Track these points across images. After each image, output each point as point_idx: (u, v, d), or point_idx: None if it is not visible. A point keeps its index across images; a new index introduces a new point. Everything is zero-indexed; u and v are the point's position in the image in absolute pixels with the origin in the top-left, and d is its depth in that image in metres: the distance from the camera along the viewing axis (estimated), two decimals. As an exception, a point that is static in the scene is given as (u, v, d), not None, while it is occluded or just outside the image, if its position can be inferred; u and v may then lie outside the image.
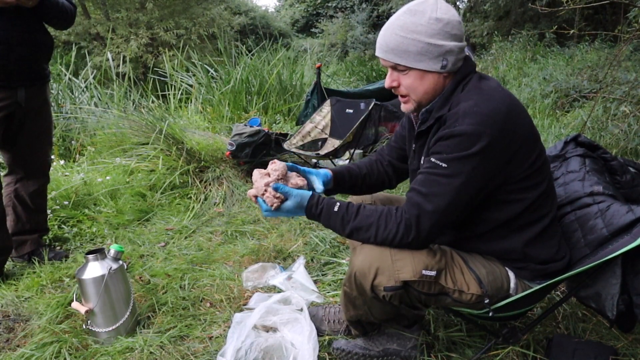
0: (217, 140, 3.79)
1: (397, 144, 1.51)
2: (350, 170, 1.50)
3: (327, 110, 3.94)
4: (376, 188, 1.56)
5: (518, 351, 1.43)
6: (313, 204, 1.23)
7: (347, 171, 1.49)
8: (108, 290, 1.64)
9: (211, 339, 1.66)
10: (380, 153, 1.57)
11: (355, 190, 1.54)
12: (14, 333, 1.75)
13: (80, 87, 5.28)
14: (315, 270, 2.13)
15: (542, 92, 5.64)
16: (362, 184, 1.51)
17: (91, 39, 14.15)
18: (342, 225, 1.20)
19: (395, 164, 1.53)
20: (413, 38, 1.12)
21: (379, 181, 1.53)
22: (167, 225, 2.80)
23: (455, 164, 1.08)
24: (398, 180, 1.56)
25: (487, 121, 1.06)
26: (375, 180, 1.53)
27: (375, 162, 1.56)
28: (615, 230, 1.15)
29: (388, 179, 1.55)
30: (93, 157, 3.72)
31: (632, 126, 3.32)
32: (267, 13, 24.58)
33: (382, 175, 1.54)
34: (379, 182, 1.54)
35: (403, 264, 1.14)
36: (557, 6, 3.47)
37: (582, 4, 3.29)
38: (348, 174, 1.48)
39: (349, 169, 1.50)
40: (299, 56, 8.60)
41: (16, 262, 2.31)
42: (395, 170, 1.54)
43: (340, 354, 1.47)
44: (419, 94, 1.19)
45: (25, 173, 2.24)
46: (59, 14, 2.05)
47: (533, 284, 1.23)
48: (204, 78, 5.90)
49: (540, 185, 1.18)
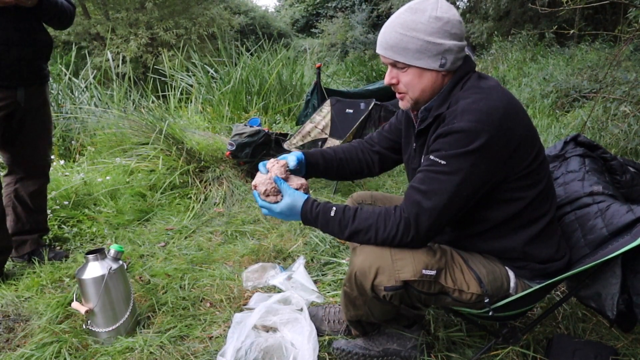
0: (217, 140, 3.79)
1: (389, 135, 1.49)
2: (325, 154, 1.47)
3: (327, 110, 3.94)
4: (354, 174, 1.53)
5: (518, 351, 1.43)
6: (307, 209, 1.22)
7: (321, 155, 1.46)
8: (108, 290, 1.64)
9: (211, 339, 1.66)
10: (369, 140, 1.54)
11: (330, 175, 1.51)
12: (14, 333, 1.75)
13: (80, 87, 5.28)
14: (315, 270, 2.13)
15: (542, 92, 5.64)
16: (337, 168, 1.48)
17: (91, 39, 14.16)
18: (340, 229, 1.19)
19: (383, 152, 1.51)
20: (412, 36, 1.12)
21: (357, 168, 1.51)
22: (167, 225, 2.80)
23: (454, 161, 1.08)
24: (382, 169, 1.54)
25: (486, 119, 1.06)
26: (353, 166, 1.50)
27: (357, 148, 1.53)
28: (615, 230, 1.15)
29: (368, 166, 1.52)
30: (93, 157, 3.72)
31: (632, 126, 3.32)
32: (267, 13, 24.60)
33: (362, 163, 1.51)
34: (358, 168, 1.51)
35: (403, 263, 1.14)
36: (557, 6, 3.47)
37: (582, 4, 3.29)
38: (322, 158, 1.46)
39: (322, 153, 1.47)
40: (299, 56, 8.60)
41: (16, 262, 2.31)
42: (381, 159, 1.51)
43: (340, 354, 1.47)
44: (417, 92, 1.20)
45: (25, 173, 2.24)
46: (58, 14, 2.05)
47: (533, 284, 1.23)
48: (203, 78, 5.90)
49: (539, 184, 1.18)
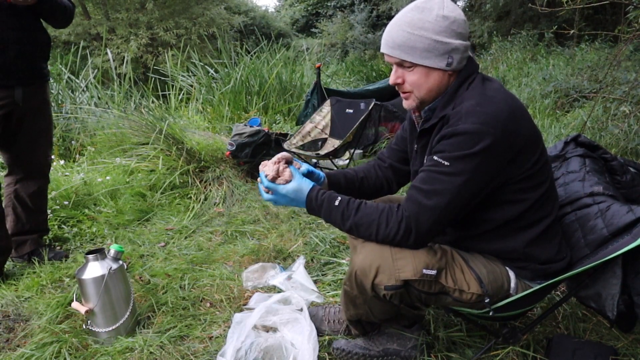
0: (217, 140, 3.79)
1: (397, 146, 1.50)
2: (347, 174, 1.47)
3: (327, 110, 3.94)
4: (375, 193, 1.52)
5: (518, 351, 1.43)
6: (313, 197, 1.22)
7: (343, 175, 1.46)
8: (108, 290, 1.64)
9: (211, 339, 1.66)
10: (380, 157, 1.55)
11: (352, 194, 1.51)
12: (14, 333, 1.75)
13: (80, 87, 5.28)
14: (315, 270, 2.13)
15: (542, 92, 5.63)
16: (359, 187, 1.48)
17: (91, 39, 14.16)
18: (342, 220, 1.19)
19: (396, 166, 1.50)
20: (420, 34, 1.12)
21: (377, 185, 1.50)
22: (167, 225, 2.80)
23: (457, 163, 1.08)
24: (399, 183, 1.53)
25: (490, 121, 1.06)
26: (373, 184, 1.50)
27: (374, 166, 1.53)
28: (615, 230, 1.15)
29: (387, 183, 1.51)
30: (93, 157, 3.72)
31: (632, 126, 3.31)
32: (267, 13, 24.59)
33: (381, 180, 1.51)
34: (377, 186, 1.51)
35: (404, 263, 1.14)
36: (557, 6, 3.47)
37: (583, 4, 3.29)
38: (344, 178, 1.45)
39: (344, 173, 1.47)
40: (299, 56, 8.60)
41: (16, 262, 2.31)
42: (395, 173, 1.51)
43: (340, 354, 1.47)
44: (423, 91, 1.19)
45: (25, 173, 2.23)
46: (58, 12, 2.03)
47: (533, 284, 1.23)
48: (204, 78, 5.90)
49: (542, 186, 1.18)
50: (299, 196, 1.23)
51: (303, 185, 1.24)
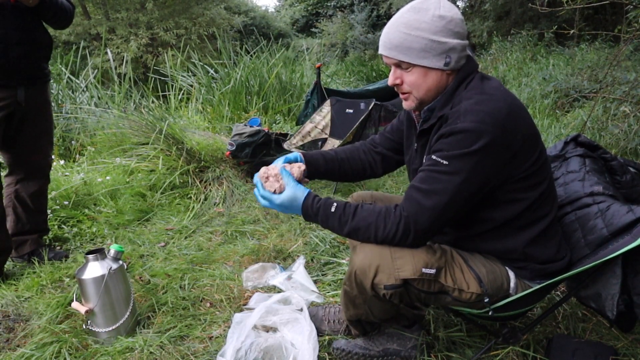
0: (217, 140, 3.79)
1: (391, 136, 1.50)
2: (325, 155, 1.47)
3: (327, 110, 3.94)
4: (356, 175, 1.52)
5: (518, 351, 1.43)
6: (309, 204, 1.22)
7: (322, 156, 1.46)
8: (108, 290, 1.64)
9: (211, 339, 1.66)
10: (371, 142, 1.55)
11: (332, 176, 1.51)
12: (14, 333, 1.75)
13: (80, 87, 5.28)
14: (315, 270, 2.13)
15: (542, 92, 5.64)
16: (339, 169, 1.48)
17: (91, 39, 14.16)
18: (340, 226, 1.19)
19: (386, 153, 1.51)
20: (417, 35, 1.12)
21: (359, 168, 1.50)
22: (167, 225, 2.80)
23: (456, 162, 1.08)
24: (385, 170, 1.53)
25: (489, 119, 1.06)
26: (355, 167, 1.50)
27: (359, 149, 1.53)
28: (615, 230, 1.15)
29: (371, 167, 1.52)
30: (93, 157, 3.72)
31: (632, 126, 3.32)
32: (267, 13, 24.60)
33: (365, 163, 1.51)
34: (360, 168, 1.51)
35: (403, 262, 1.14)
36: (557, 6, 3.47)
37: (583, 4, 3.29)
38: (323, 159, 1.45)
39: (323, 154, 1.46)
40: (299, 56, 8.60)
41: (16, 262, 2.31)
42: (383, 159, 1.51)
43: (340, 354, 1.47)
44: (422, 91, 1.19)
45: (25, 174, 2.23)
46: (59, 13, 2.04)
47: (533, 284, 1.23)
48: (204, 78, 5.90)
49: (541, 185, 1.18)
50: (294, 205, 1.23)
51: (298, 193, 1.22)
